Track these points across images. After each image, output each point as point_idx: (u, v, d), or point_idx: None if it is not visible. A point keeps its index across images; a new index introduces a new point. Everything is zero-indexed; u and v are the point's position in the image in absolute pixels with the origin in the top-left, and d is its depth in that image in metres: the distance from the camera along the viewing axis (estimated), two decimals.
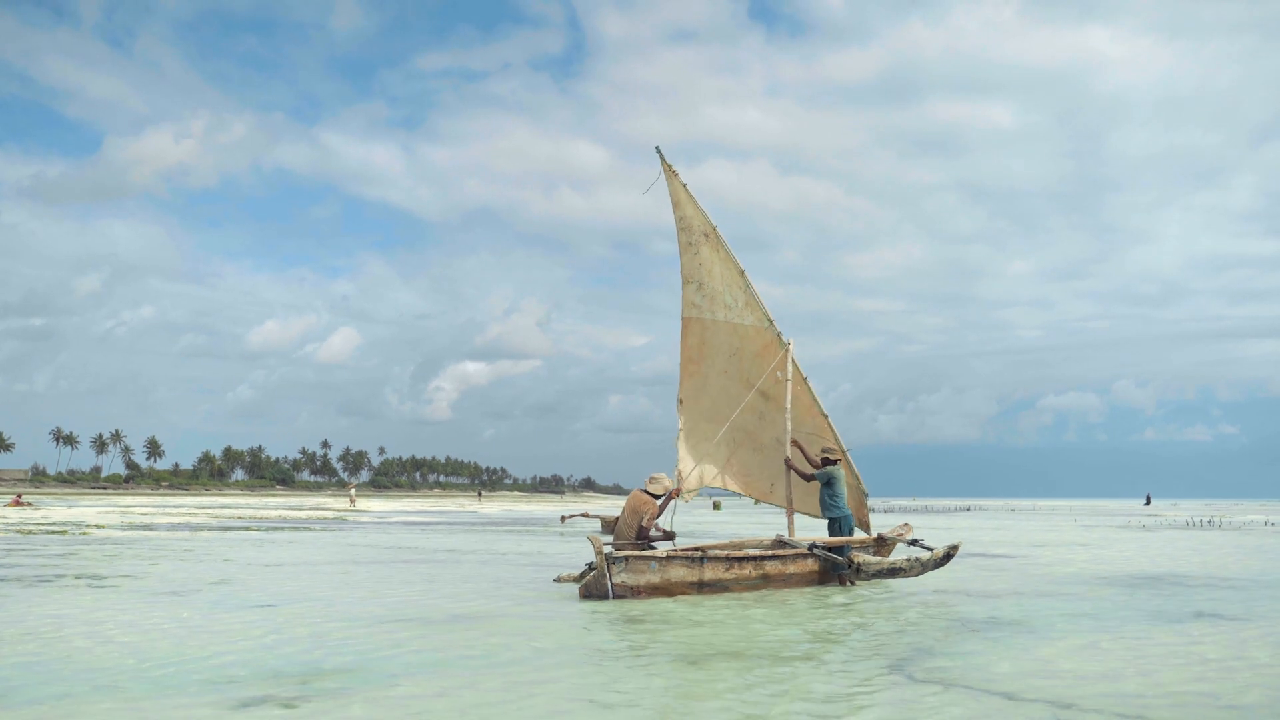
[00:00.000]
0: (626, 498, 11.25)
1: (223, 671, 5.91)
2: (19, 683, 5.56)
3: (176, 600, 9.41)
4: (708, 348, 12.98)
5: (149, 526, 25.77)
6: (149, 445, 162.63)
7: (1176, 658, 6.70)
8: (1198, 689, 5.70)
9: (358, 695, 5.31)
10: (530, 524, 32.51)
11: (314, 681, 5.65)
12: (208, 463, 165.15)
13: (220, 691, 5.37)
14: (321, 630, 7.56)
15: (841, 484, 11.76)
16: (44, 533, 21.53)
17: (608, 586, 9.49)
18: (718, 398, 13.01)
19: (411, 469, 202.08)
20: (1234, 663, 6.56)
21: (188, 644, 6.87)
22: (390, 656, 6.48)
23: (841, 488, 11.74)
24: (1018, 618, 8.64)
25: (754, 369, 12.73)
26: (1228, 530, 29.87)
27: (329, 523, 31.14)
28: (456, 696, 5.30)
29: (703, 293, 12.75)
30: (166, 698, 5.23)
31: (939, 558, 10.92)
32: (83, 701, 5.13)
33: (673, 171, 12.44)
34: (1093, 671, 6.17)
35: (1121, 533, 27.63)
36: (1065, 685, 5.73)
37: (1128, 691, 5.60)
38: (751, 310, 12.58)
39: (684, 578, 9.84)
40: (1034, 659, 6.58)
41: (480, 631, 7.60)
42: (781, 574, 10.57)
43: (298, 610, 8.73)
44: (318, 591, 10.34)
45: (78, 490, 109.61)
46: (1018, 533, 27.64)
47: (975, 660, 6.53)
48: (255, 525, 27.69)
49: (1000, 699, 5.36)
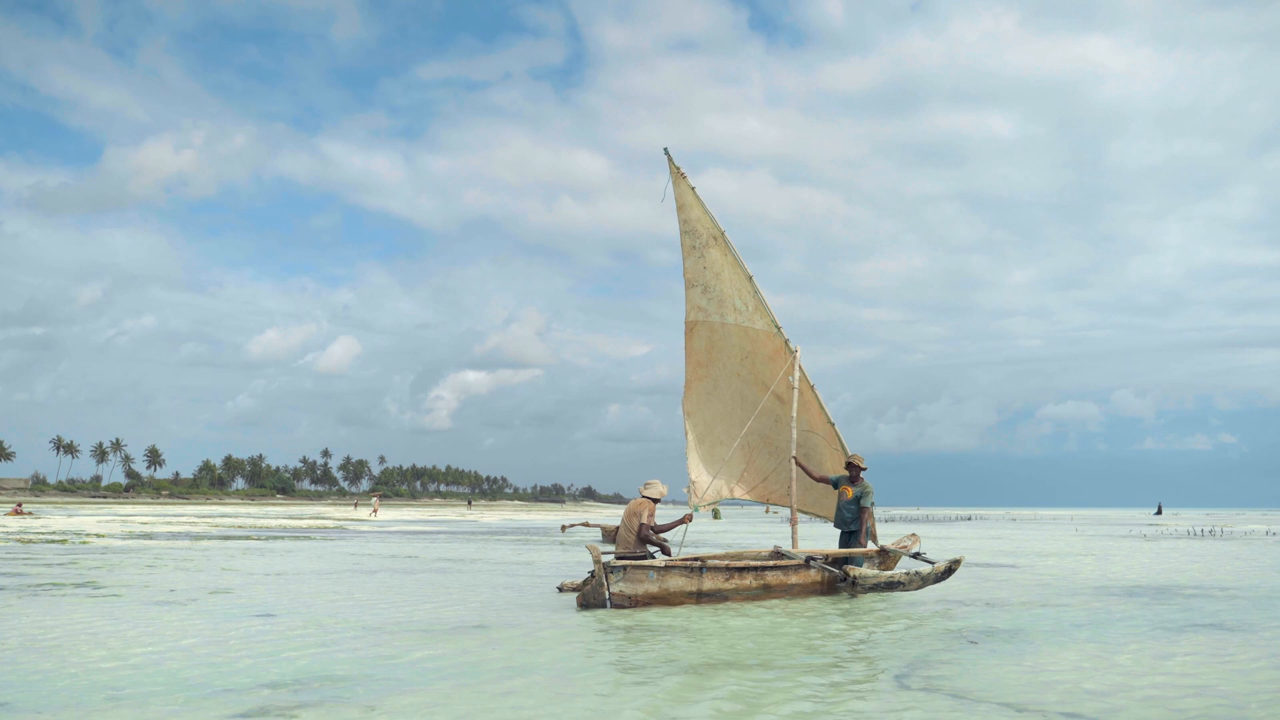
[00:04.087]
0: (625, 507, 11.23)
1: (222, 680, 5.91)
2: (20, 693, 5.57)
3: (176, 609, 9.40)
4: (717, 351, 12.96)
5: (149, 535, 25.75)
6: (149, 454, 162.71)
7: (1177, 669, 6.69)
8: (1198, 700, 5.69)
9: (357, 705, 5.31)
10: (530, 533, 32.47)
11: (313, 690, 5.65)
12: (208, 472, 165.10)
13: (220, 701, 5.37)
14: (321, 639, 7.56)
15: (871, 498, 11.83)
16: (44, 542, 21.51)
17: (605, 596, 9.47)
18: (731, 401, 12.98)
19: (412, 478, 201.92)
20: (1235, 674, 6.56)
21: (187, 653, 6.87)
22: (389, 666, 6.48)
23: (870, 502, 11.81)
24: (1018, 628, 8.63)
25: (768, 372, 12.71)
26: (1229, 540, 29.82)
27: (329, 532, 31.11)
28: (454, 706, 5.30)
29: (709, 296, 12.74)
30: (167, 707, 5.23)
31: (940, 572, 10.87)
32: (84, 711, 5.13)
33: (681, 174, 12.43)
34: (1093, 682, 6.16)
35: (1123, 543, 27.59)
36: (1065, 696, 5.73)
37: (1127, 703, 5.59)
38: (760, 315, 12.58)
39: (683, 587, 9.81)
40: (1034, 669, 6.58)
41: (479, 641, 7.60)
42: (783, 584, 10.51)
43: (297, 619, 8.73)
44: (317, 601, 10.34)
45: (78, 499, 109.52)
46: (1018, 542, 27.59)
47: (975, 671, 6.53)
48: (255, 534, 27.67)
49: (1000, 710, 5.36)
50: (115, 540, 22.84)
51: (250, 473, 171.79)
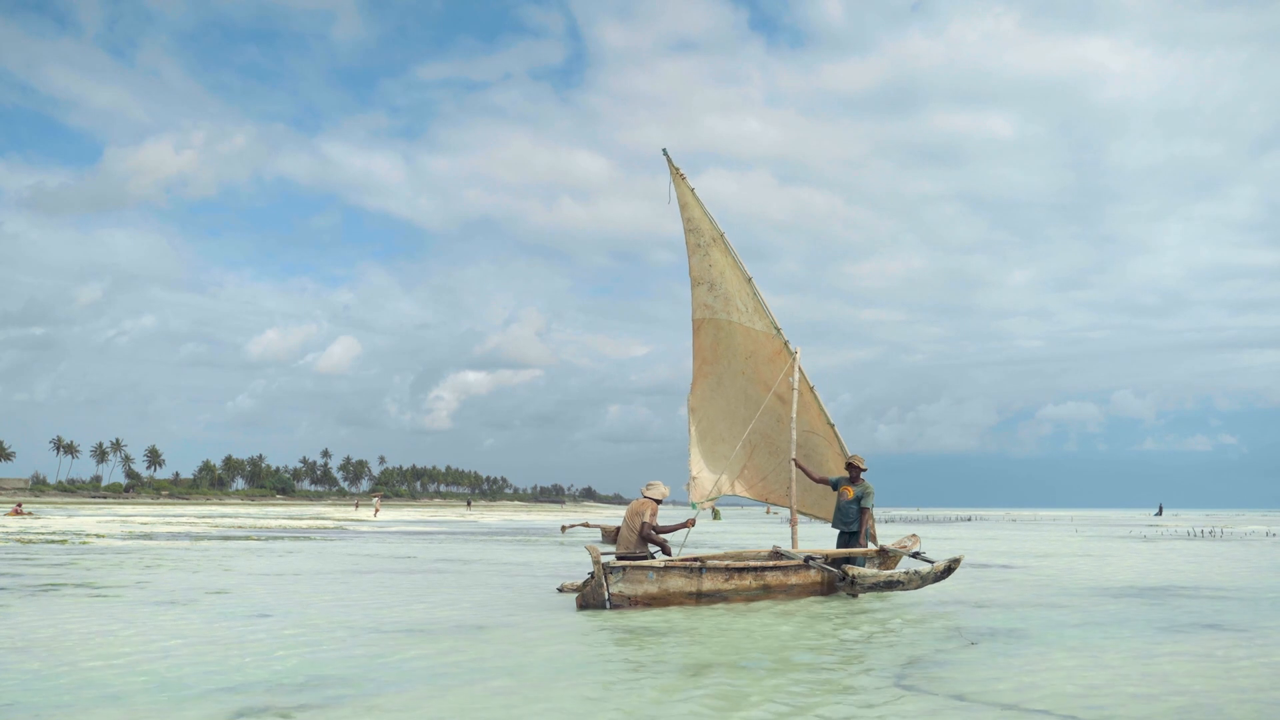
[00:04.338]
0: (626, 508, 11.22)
1: (222, 681, 5.91)
2: (20, 694, 5.57)
3: (176, 610, 9.40)
4: (722, 348, 12.98)
5: (149, 536, 25.74)
6: (149, 454, 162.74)
7: (1175, 669, 6.69)
8: (1197, 700, 5.69)
9: (355, 705, 5.32)
10: (530, 534, 32.46)
11: (313, 691, 5.65)
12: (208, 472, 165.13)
13: (219, 701, 5.37)
14: (320, 640, 7.56)
15: (871, 499, 11.79)
16: (44, 542, 21.51)
17: (604, 597, 9.46)
18: (734, 399, 13.01)
19: (412, 478, 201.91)
20: (1232, 674, 6.56)
21: (187, 653, 6.87)
22: (388, 666, 6.48)
23: (870, 503, 11.78)
24: (1017, 628, 8.63)
25: (769, 372, 12.74)
26: (1229, 541, 29.82)
27: (329, 532, 31.10)
28: (452, 707, 5.31)
29: (715, 293, 12.75)
30: (166, 707, 5.23)
31: (939, 571, 10.88)
32: (83, 712, 5.13)
33: (680, 175, 12.44)
34: (1092, 683, 6.16)
35: (1123, 543, 27.59)
36: (1064, 696, 5.73)
37: (1126, 703, 5.59)
38: (760, 317, 12.61)
39: (682, 588, 9.80)
40: (1032, 670, 6.58)
41: (477, 642, 7.60)
42: (783, 585, 10.50)
43: (297, 620, 8.73)
44: (317, 601, 10.34)
45: (78, 499, 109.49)
46: (1018, 543, 27.60)
47: (974, 671, 6.53)
48: (255, 535, 27.67)
49: (998, 710, 5.36)
50: (115, 541, 22.84)
51: (250, 473, 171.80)
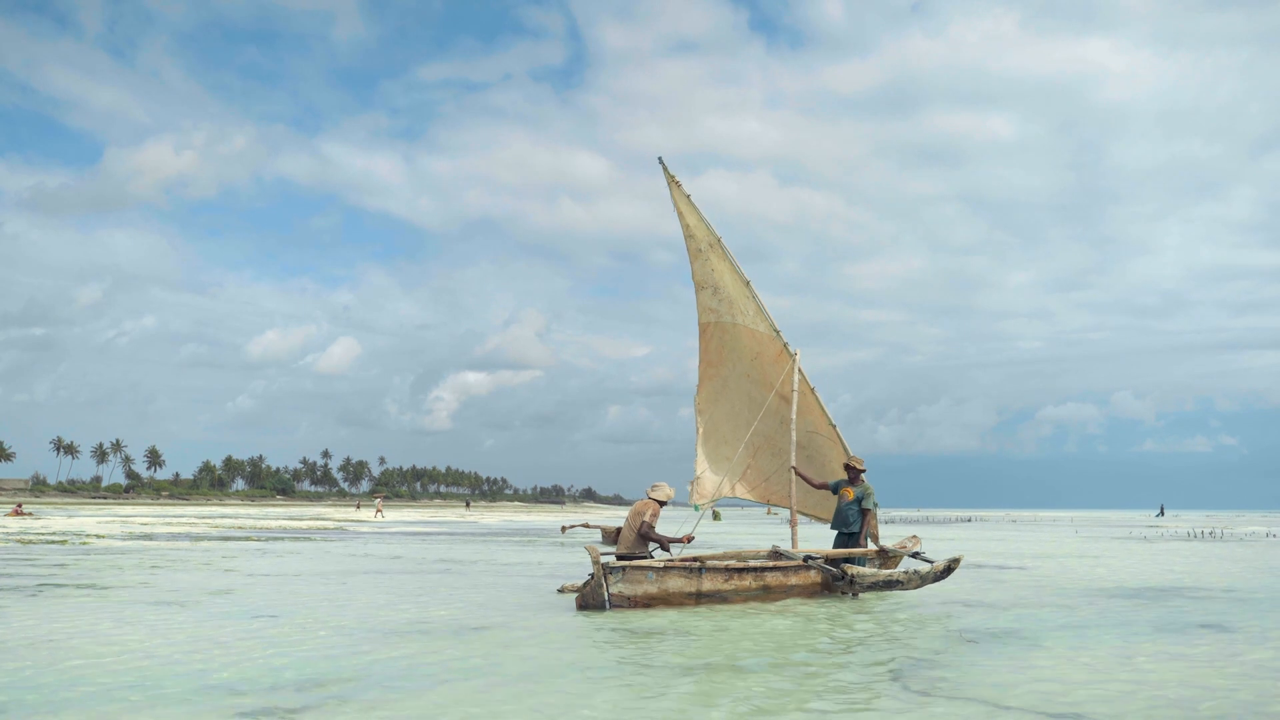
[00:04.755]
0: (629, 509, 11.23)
1: (223, 682, 5.92)
2: (20, 694, 5.58)
3: (177, 611, 9.41)
4: (728, 351, 13.04)
5: (149, 536, 25.76)
6: (149, 455, 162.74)
7: (1173, 670, 6.70)
8: (1194, 701, 5.70)
9: (357, 705, 5.32)
10: (530, 534, 32.46)
11: (314, 691, 5.66)
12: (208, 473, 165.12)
13: (221, 702, 5.38)
14: (321, 641, 7.57)
15: (873, 499, 11.74)
16: (44, 543, 21.53)
17: (604, 597, 9.46)
18: (738, 401, 13.06)
19: (412, 479, 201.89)
20: (1228, 675, 6.56)
21: (188, 654, 6.88)
22: (388, 667, 6.49)
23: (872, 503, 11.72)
24: (1017, 629, 8.64)
25: (774, 374, 12.80)
26: (1229, 542, 29.82)
27: (329, 533, 31.11)
28: (452, 707, 5.31)
29: (719, 297, 12.81)
30: (167, 708, 5.24)
31: (939, 571, 10.89)
32: (84, 713, 5.14)
33: (675, 183, 12.46)
34: (1091, 683, 6.17)
35: (1123, 544, 27.59)
36: (1063, 697, 5.74)
37: (1125, 703, 5.60)
38: (760, 319, 12.66)
39: (682, 588, 9.80)
40: (1032, 670, 6.59)
41: (477, 643, 7.61)
42: (783, 585, 10.50)
43: (298, 620, 8.74)
44: (317, 602, 10.35)
45: (78, 500, 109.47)
46: (1018, 544, 27.60)
47: (974, 671, 6.54)
48: (255, 535, 27.67)
49: (998, 710, 5.37)
50: (115, 541, 22.85)
51: (250, 474, 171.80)
